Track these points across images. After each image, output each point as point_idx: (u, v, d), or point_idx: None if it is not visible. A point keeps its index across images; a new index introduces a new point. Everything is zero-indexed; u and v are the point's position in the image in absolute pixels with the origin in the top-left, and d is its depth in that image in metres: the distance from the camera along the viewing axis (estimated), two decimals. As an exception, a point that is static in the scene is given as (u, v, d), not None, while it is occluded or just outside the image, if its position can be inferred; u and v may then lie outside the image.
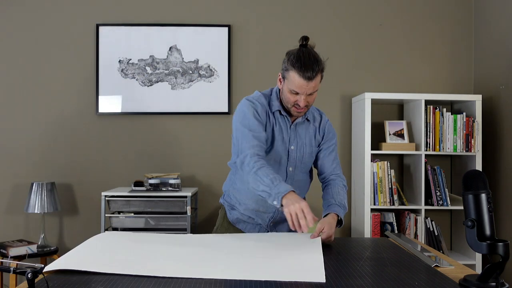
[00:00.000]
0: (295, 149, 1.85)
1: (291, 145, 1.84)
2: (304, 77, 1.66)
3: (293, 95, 1.73)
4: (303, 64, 1.66)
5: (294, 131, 1.85)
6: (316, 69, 1.68)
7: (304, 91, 1.70)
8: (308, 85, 1.68)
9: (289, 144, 1.84)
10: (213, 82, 3.38)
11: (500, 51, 3.17)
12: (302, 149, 1.86)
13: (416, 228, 3.11)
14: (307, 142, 1.87)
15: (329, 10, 3.46)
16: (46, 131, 3.35)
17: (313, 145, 1.89)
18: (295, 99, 1.73)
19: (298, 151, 1.85)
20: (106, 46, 3.36)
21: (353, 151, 3.40)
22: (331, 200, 1.82)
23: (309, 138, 1.88)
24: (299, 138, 1.86)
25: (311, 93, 1.72)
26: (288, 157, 1.84)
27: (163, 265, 1.33)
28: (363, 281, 1.23)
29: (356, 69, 3.46)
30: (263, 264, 1.37)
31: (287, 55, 1.74)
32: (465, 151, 3.13)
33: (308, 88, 1.69)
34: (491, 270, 1.17)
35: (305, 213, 1.49)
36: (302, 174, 1.89)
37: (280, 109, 1.82)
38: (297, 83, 1.69)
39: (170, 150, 3.39)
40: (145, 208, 2.93)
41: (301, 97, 1.72)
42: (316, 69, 1.68)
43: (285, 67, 1.74)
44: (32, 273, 1.00)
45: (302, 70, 1.66)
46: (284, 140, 1.83)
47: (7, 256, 2.89)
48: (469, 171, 1.24)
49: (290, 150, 1.84)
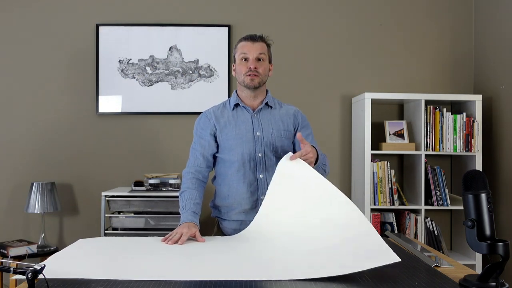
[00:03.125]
0: (261, 135, 1.92)
1: (257, 131, 1.92)
2: (248, 40, 1.91)
3: (244, 64, 1.89)
4: (247, 34, 1.95)
5: (257, 118, 1.95)
6: (259, 36, 1.93)
7: (250, 50, 1.88)
8: (254, 45, 1.89)
9: (254, 131, 1.92)
10: (213, 82, 3.38)
11: (500, 51, 3.17)
12: (269, 134, 1.92)
13: (416, 228, 3.12)
14: (273, 127, 1.94)
15: (329, 10, 3.46)
16: (46, 131, 3.35)
17: (280, 129, 1.95)
18: (246, 66, 1.89)
19: (264, 136, 1.92)
20: (106, 46, 3.36)
21: (353, 151, 3.40)
22: None
23: (275, 123, 1.96)
24: (264, 124, 1.94)
25: (260, 58, 1.89)
26: (255, 143, 1.90)
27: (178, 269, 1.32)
28: (363, 281, 1.23)
29: (356, 69, 3.46)
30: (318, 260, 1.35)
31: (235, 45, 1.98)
32: (465, 151, 3.13)
33: (254, 48, 1.89)
34: (491, 270, 1.17)
35: (180, 237, 1.65)
36: (277, 158, 1.88)
37: (238, 102, 1.95)
38: (244, 46, 1.90)
39: (170, 150, 3.39)
40: (145, 208, 2.93)
41: (250, 60, 1.88)
42: (259, 35, 1.93)
43: (235, 51, 1.96)
44: (32, 273, 1.00)
45: (245, 37, 1.93)
46: (249, 128, 1.92)
47: (7, 256, 2.89)
48: (469, 171, 1.24)
49: (256, 137, 1.91)
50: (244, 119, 1.94)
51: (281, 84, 3.41)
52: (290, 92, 3.41)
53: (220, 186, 1.96)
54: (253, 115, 1.94)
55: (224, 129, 1.93)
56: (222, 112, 1.97)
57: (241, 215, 1.91)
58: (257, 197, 1.89)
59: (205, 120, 1.97)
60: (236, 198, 1.90)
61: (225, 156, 1.93)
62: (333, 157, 3.43)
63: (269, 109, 1.97)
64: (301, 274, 1.25)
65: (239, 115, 1.95)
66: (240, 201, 1.89)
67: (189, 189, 1.89)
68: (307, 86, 3.43)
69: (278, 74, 3.43)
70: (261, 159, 1.90)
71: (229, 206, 1.93)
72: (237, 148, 1.90)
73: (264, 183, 1.88)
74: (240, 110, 1.96)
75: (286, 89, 3.41)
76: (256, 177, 1.89)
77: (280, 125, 1.95)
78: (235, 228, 1.93)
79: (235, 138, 1.90)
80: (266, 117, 1.95)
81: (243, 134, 1.91)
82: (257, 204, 1.88)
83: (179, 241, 1.63)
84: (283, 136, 1.95)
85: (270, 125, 1.94)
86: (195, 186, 1.90)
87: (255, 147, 1.90)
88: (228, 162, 1.92)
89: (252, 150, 1.90)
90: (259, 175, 1.89)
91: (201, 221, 1.92)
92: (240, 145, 1.90)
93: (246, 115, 1.95)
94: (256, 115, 1.95)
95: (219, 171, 1.98)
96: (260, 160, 1.90)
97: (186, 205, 1.84)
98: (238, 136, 1.90)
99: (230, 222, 1.95)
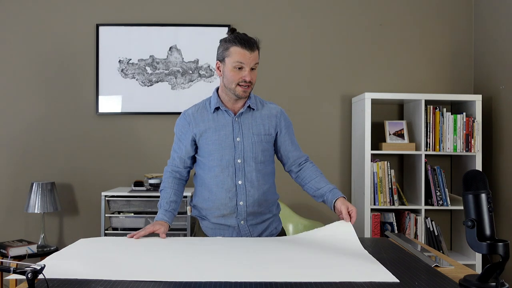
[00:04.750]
0: (241, 140, 1.86)
1: (237, 137, 1.87)
2: (246, 47, 1.77)
3: (238, 72, 1.79)
4: (242, 38, 1.78)
5: (238, 123, 1.88)
6: (255, 41, 1.80)
7: (248, 61, 1.77)
8: (251, 55, 1.78)
9: (234, 137, 1.86)
10: (213, 82, 3.38)
11: (500, 51, 3.16)
12: (249, 139, 1.87)
13: (416, 228, 3.11)
14: (254, 131, 1.88)
15: (329, 10, 3.46)
16: (46, 131, 3.35)
17: (261, 133, 1.89)
18: (240, 76, 1.79)
19: (245, 142, 1.86)
20: (106, 46, 3.36)
21: (353, 151, 3.40)
22: (327, 186, 1.87)
23: (256, 127, 1.89)
24: (245, 129, 1.88)
25: (253, 68, 1.80)
26: (235, 149, 1.86)
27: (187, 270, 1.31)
28: (363, 282, 1.22)
29: (356, 69, 3.46)
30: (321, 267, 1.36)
31: (222, 41, 1.83)
32: (465, 151, 3.13)
33: (251, 58, 1.78)
34: (491, 270, 1.17)
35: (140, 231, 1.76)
36: (256, 164, 1.87)
37: (219, 106, 1.87)
38: (240, 54, 1.77)
39: (170, 150, 3.38)
40: (145, 208, 2.93)
41: (245, 70, 1.78)
42: (255, 41, 1.80)
43: (224, 48, 1.81)
44: (32, 273, 1.00)
45: (242, 42, 1.77)
46: (228, 134, 1.86)
47: (7, 256, 2.89)
48: (469, 171, 1.24)
49: (236, 142, 1.86)
50: (225, 123, 1.87)
51: (281, 84, 3.41)
52: (290, 92, 3.41)
53: (201, 187, 1.94)
54: (234, 119, 1.87)
55: (204, 133, 1.88)
56: (202, 115, 1.90)
57: (220, 219, 1.90)
58: (235, 203, 1.86)
59: (184, 123, 1.94)
60: (215, 203, 1.88)
61: (204, 160, 1.90)
62: (333, 157, 3.44)
63: (251, 112, 1.90)
64: (297, 277, 1.24)
65: (220, 119, 1.88)
66: (219, 206, 1.88)
67: (165, 188, 1.92)
68: (307, 86, 3.43)
69: (278, 74, 3.43)
70: (240, 165, 1.85)
71: (208, 209, 1.92)
72: (216, 153, 1.86)
73: (243, 188, 1.85)
74: (221, 113, 1.89)
75: (286, 89, 3.41)
76: (235, 183, 1.86)
77: (261, 129, 1.89)
78: (213, 229, 1.93)
79: (215, 143, 1.86)
80: (247, 121, 1.88)
81: (223, 139, 1.86)
82: (236, 209, 1.87)
83: (135, 236, 1.72)
84: (264, 141, 1.90)
85: (250, 129, 1.88)
86: (171, 185, 1.92)
87: (234, 153, 1.85)
88: (207, 166, 1.89)
89: (231, 157, 1.85)
90: (238, 181, 1.85)
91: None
92: (219, 151, 1.85)
93: (227, 119, 1.88)
94: (237, 119, 1.87)
95: (198, 172, 1.96)
96: (240, 167, 1.86)
97: (161, 204, 1.88)
98: (218, 141, 1.86)
99: (209, 223, 1.94)
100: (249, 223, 1.90)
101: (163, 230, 1.76)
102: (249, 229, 1.90)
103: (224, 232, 1.91)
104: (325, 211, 3.38)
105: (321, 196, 1.87)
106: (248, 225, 1.90)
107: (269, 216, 1.95)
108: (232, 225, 1.89)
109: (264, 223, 1.94)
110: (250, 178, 1.86)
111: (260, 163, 1.89)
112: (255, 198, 1.87)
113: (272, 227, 1.97)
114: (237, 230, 1.90)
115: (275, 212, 2.00)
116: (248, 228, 1.90)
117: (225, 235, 1.90)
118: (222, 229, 1.91)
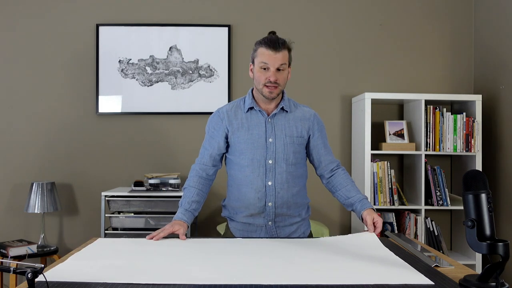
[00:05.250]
0: (273, 141, 1.87)
1: (269, 138, 1.87)
2: (270, 48, 1.79)
3: (263, 72, 1.81)
4: (269, 39, 1.81)
5: (271, 124, 1.89)
6: (282, 42, 1.81)
7: (272, 62, 1.79)
8: (276, 56, 1.79)
9: (267, 137, 1.87)
10: (213, 82, 3.38)
11: (500, 51, 3.16)
12: (282, 140, 1.88)
13: (416, 228, 3.11)
14: (287, 133, 1.89)
15: (329, 10, 3.46)
16: (46, 131, 3.35)
17: (294, 135, 1.90)
18: (265, 76, 1.80)
19: (277, 143, 1.87)
20: (106, 46, 3.36)
21: (353, 151, 3.40)
22: (357, 196, 1.88)
23: (289, 128, 1.90)
24: (278, 130, 1.88)
25: (280, 68, 1.81)
26: (266, 150, 1.86)
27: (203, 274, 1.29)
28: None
29: (356, 69, 3.46)
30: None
31: (255, 44, 1.87)
32: (465, 151, 3.13)
33: (276, 59, 1.79)
34: (491, 270, 1.17)
35: (161, 231, 1.74)
36: (287, 166, 1.88)
37: (253, 106, 1.89)
38: (265, 55, 1.80)
39: (170, 150, 3.39)
40: (145, 208, 2.93)
41: (270, 71, 1.79)
42: (282, 41, 1.81)
43: (254, 50, 1.86)
44: (32, 273, 1.00)
45: (267, 43, 1.80)
46: (261, 134, 1.87)
47: (7, 256, 2.89)
48: (469, 171, 1.24)
49: (268, 143, 1.87)
50: (258, 123, 1.88)
51: (281, 84, 3.40)
52: (290, 92, 3.40)
53: (231, 187, 1.95)
54: (267, 119, 1.88)
55: (236, 131, 1.88)
56: (236, 113, 1.91)
57: (248, 218, 1.91)
58: (264, 203, 1.87)
59: (217, 120, 1.93)
60: (244, 202, 1.89)
61: (235, 159, 1.90)
62: (333, 157, 3.43)
63: (284, 113, 1.91)
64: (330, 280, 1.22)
65: (253, 118, 1.89)
66: (248, 205, 1.88)
67: (189, 186, 1.90)
68: (307, 86, 3.43)
69: (278, 74, 3.42)
70: (271, 166, 1.86)
71: (237, 208, 1.93)
72: (248, 152, 1.87)
73: (273, 190, 1.86)
74: (254, 113, 1.90)
75: (286, 89, 3.39)
76: (265, 184, 1.86)
77: (293, 131, 1.89)
78: (241, 229, 1.93)
79: (247, 142, 1.87)
80: (280, 122, 1.89)
81: (255, 139, 1.87)
82: (265, 210, 1.87)
83: (154, 238, 1.70)
84: (296, 143, 1.90)
85: (283, 131, 1.88)
86: (195, 184, 1.90)
87: (266, 154, 1.86)
88: (238, 165, 1.90)
89: (262, 157, 1.86)
90: (268, 182, 1.86)
91: (201, 220, 1.91)
92: (251, 150, 1.86)
93: (260, 119, 1.89)
94: (270, 119, 1.88)
95: (229, 172, 1.97)
96: (270, 167, 1.86)
97: (182, 203, 1.86)
98: (250, 140, 1.87)
99: (237, 223, 1.95)
100: (277, 224, 1.90)
101: (182, 231, 1.74)
102: (276, 231, 1.91)
103: (251, 233, 1.92)
104: (332, 216, 3.38)
105: (350, 205, 1.88)
106: (275, 227, 1.90)
107: (297, 220, 1.95)
108: (260, 224, 1.90)
109: (292, 226, 1.94)
110: (280, 179, 1.86)
111: (291, 165, 1.89)
112: (284, 200, 1.87)
113: (300, 231, 1.96)
114: (265, 230, 1.91)
115: (305, 216, 1.99)
116: (276, 229, 1.91)
117: (253, 236, 1.91)
118: (250, 229, 1.91)
